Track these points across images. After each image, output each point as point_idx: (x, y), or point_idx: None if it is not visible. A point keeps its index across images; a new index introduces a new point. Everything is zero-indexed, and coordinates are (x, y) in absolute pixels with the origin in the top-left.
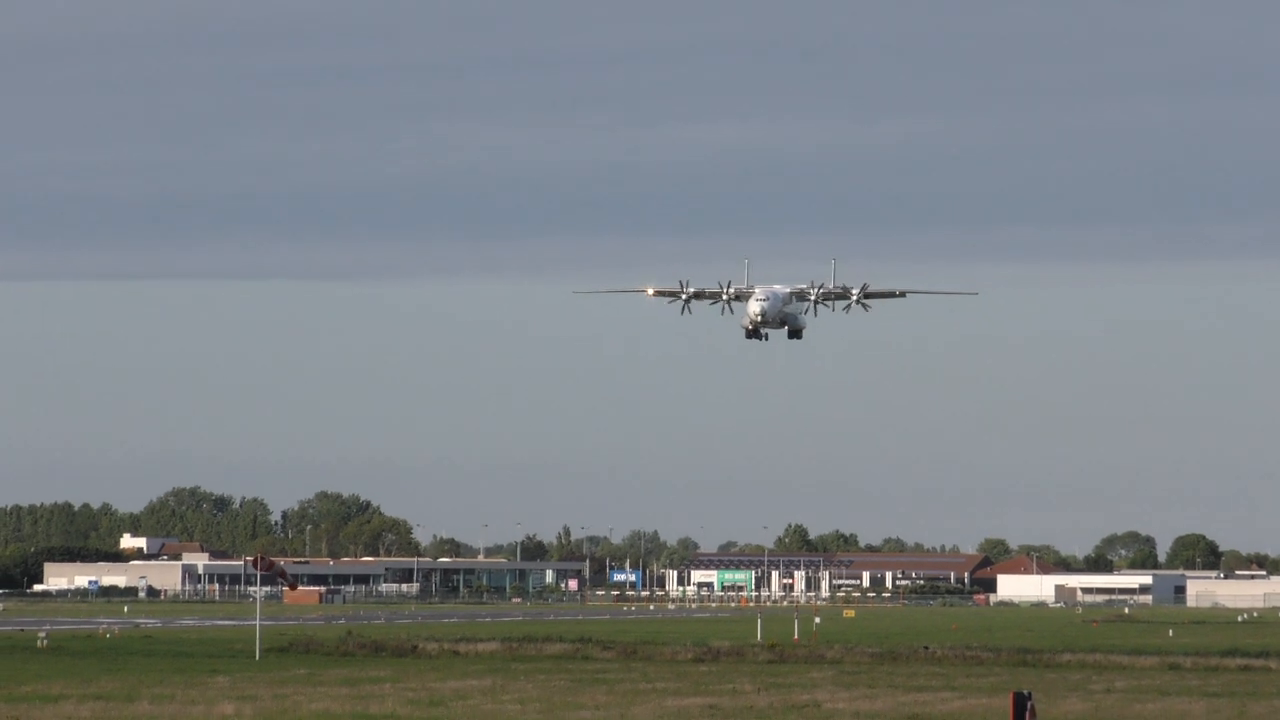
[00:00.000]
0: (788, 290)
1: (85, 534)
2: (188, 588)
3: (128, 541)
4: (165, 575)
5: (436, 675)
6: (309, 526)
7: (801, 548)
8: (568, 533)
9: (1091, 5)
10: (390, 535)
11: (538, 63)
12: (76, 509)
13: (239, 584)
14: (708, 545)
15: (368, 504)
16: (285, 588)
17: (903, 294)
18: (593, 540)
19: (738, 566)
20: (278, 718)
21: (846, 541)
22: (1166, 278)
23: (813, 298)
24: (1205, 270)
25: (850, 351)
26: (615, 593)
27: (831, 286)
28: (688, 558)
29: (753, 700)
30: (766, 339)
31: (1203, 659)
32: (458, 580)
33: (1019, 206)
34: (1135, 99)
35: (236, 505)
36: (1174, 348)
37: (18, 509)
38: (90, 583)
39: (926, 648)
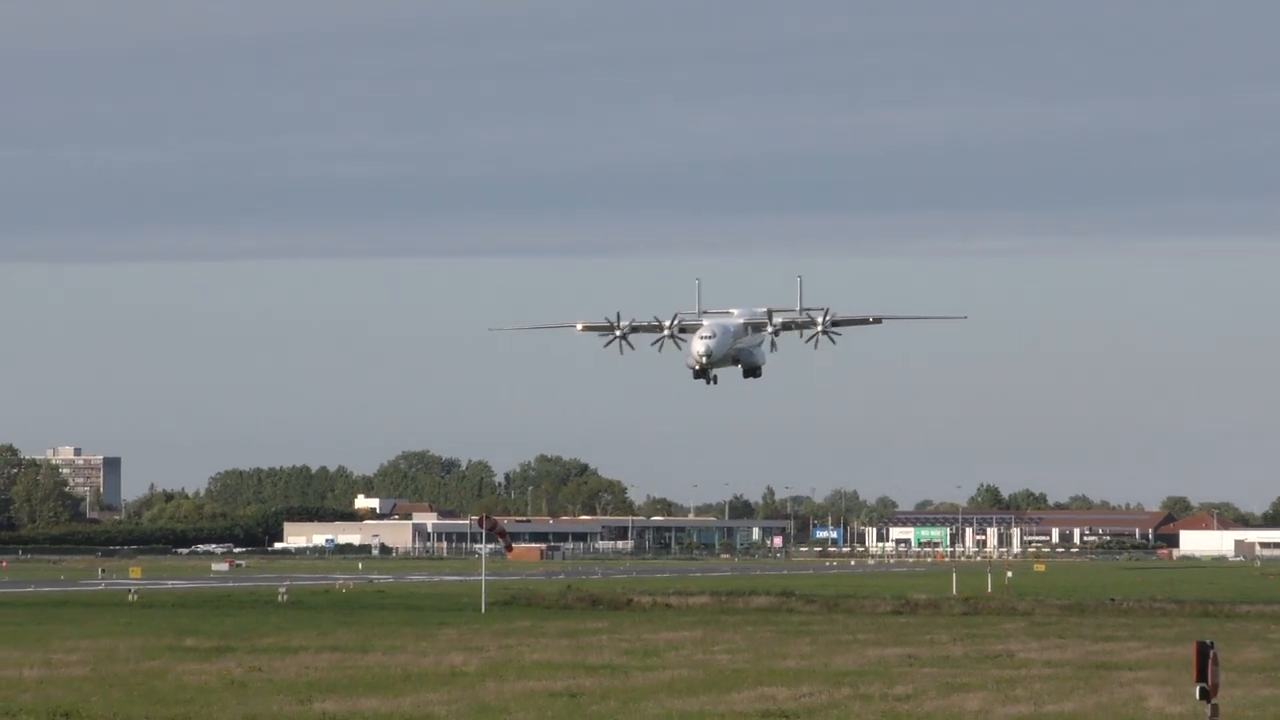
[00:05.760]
0: (741, 321)
1: (322, 495)
2: (417, 545)
3: (361, 502)
4: (396, 534)
5: (650, 627)
6: (530, 487)
7: (994, 506)
8: (772, 493)
9: None
10: (606, 495)
11: (744, 53)
12: (314, 472)
13: (465, 542)
14: (905, 504)
15: (585, 466)
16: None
17: (877, 320)
18: (796, 500)
19: (933, 524)
20: (503, 667)
21: (1036, 500)
22: None
23: (770, 330)
24: None
25: (1036, 320)
26: (818, 549)
27: (797, 314)
28: (886, 515)
29: (949, 650)
30: (715, 381)
31: None
32: (669, 537)
33: (1198, 181)
34: None
35: (463, 468)
36: None
37: (259, 472)
38: (327, 541)
39: (1113, 600)
